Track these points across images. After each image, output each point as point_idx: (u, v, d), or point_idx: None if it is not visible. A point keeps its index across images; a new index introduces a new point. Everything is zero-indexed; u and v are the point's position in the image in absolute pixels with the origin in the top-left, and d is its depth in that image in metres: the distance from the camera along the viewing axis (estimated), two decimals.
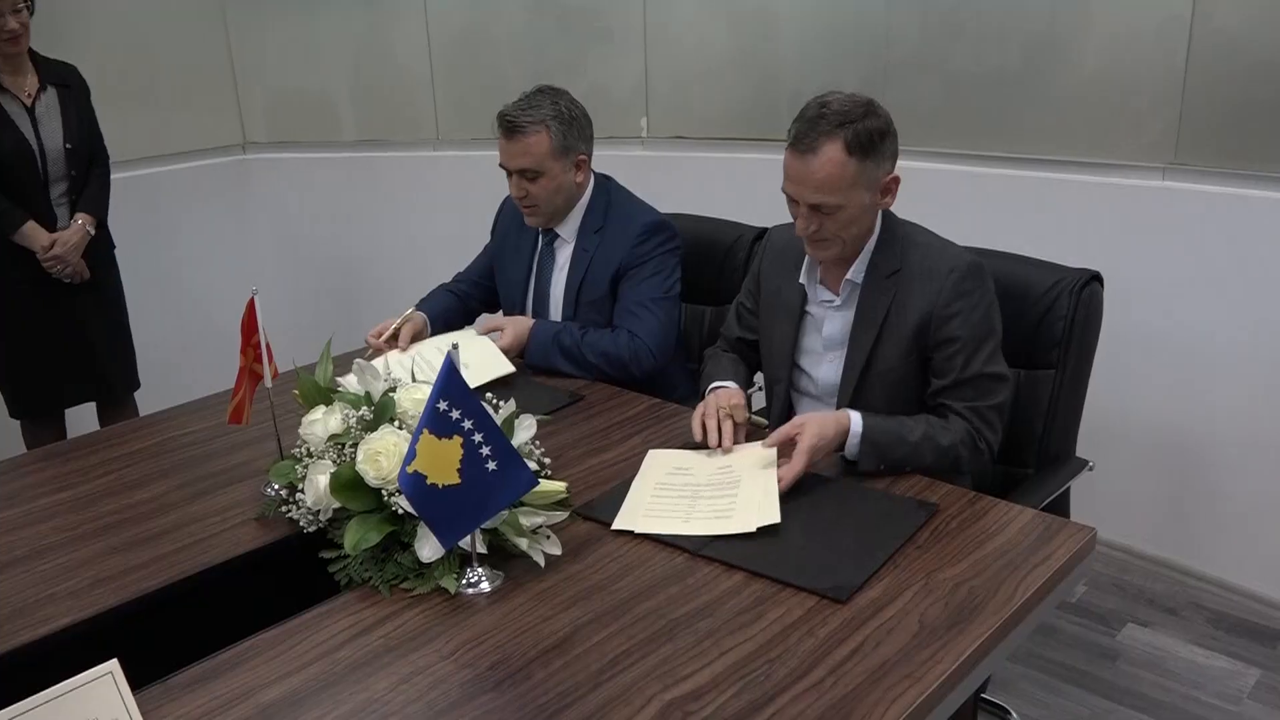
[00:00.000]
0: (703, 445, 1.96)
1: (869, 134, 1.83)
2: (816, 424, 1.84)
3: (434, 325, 2.60)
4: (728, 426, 1.94)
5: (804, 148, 1.84)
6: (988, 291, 1.93)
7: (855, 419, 1.88)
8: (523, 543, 1.62)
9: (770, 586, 1.56)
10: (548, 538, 1.66)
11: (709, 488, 1.83)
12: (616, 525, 1.71)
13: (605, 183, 2.56)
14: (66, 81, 3.17)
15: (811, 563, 1.59)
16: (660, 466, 1.92)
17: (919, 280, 1.93)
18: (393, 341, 2.44)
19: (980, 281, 1.92)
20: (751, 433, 2.00)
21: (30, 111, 3.07)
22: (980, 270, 1.92)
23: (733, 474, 1.86)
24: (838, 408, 2.01)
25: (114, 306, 3.34)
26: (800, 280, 2.06)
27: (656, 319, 2.43)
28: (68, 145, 3.11)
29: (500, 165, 2.41)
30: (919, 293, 1.92)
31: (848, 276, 1.99)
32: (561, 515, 1.72)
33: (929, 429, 1.88)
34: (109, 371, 3.31)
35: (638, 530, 1.70)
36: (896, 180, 1.91)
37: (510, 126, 2.35)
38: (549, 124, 2.35)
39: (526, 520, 1.64)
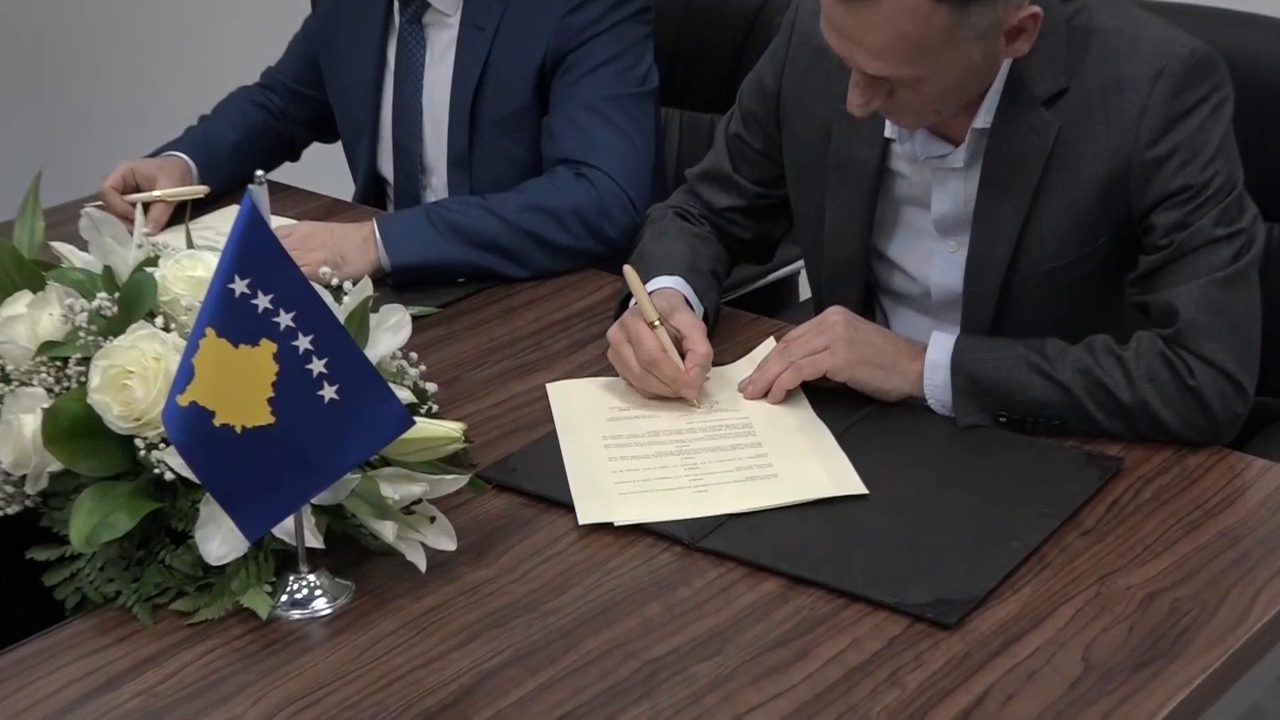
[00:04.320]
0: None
1: None
2: (843, 314, 1.39)
3: (231, 157, 1.92)
4: (692, 367, 1.37)
5: None
6: (1225, 102, 1.39)
7: (938, 340, 1.37)
8: (387, 530, 1.15)
9: (823, 602, 1.14)
10: (432, 521, 1.21)
11: (702, 434, 1.33)
12: (585, 520, 1.22)
13: None
14: None
15: (896, 562, 1.19)
16: (590, 410, 1.39)
17: (1101, 100, 1.36)
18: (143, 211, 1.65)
19: (1212, 86, 1.37)
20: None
21: None
22: (1210, 66, 1.38)
23: (727, 410, 1.36)
24: (963, 326, 1.48)
25: None
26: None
27: (624, 135, 1.75)
28: None
29: None
30: (1106, 122, 1.37)
31: (974, 124, 1.42)
32: (458, 482, 1.25)
33: (1087, 356, 1.33)
34: None
35: (621, 522, 1.22)
36: (1035, 16, 1.31)
37: None
38: None
39: (394, 491, 1.19)
